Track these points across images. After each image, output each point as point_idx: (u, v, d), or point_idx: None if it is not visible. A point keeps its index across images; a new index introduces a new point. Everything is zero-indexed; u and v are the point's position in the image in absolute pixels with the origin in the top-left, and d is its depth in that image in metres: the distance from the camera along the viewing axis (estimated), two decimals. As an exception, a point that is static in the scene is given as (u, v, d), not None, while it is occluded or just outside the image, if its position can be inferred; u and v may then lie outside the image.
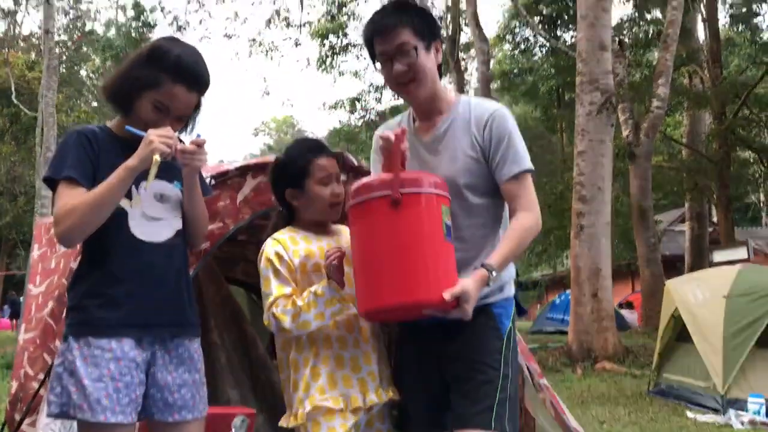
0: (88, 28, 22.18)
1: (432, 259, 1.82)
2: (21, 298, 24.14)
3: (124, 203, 1.90)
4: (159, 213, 1.97)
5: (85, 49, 27.93)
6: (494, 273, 1.87)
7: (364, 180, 1.93)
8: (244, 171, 2.75)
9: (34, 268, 3.09)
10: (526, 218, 1.99)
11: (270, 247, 2.15)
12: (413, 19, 2.03)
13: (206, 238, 2.33)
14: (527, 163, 2.04)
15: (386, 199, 1.81)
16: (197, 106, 2.02)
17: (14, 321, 23.59)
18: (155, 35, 17.95)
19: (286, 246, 2.14)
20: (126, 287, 1.87)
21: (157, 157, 1.79)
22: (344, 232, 2.27)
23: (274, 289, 2.08)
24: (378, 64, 2.08)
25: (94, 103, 30.34)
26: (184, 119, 2.00)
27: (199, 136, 1.96)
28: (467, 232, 2.03)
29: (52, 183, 1.88)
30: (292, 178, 2.20)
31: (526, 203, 2.01)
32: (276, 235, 2.20)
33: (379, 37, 2.03)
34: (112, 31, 21.73)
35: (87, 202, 1.80)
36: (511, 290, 2.11)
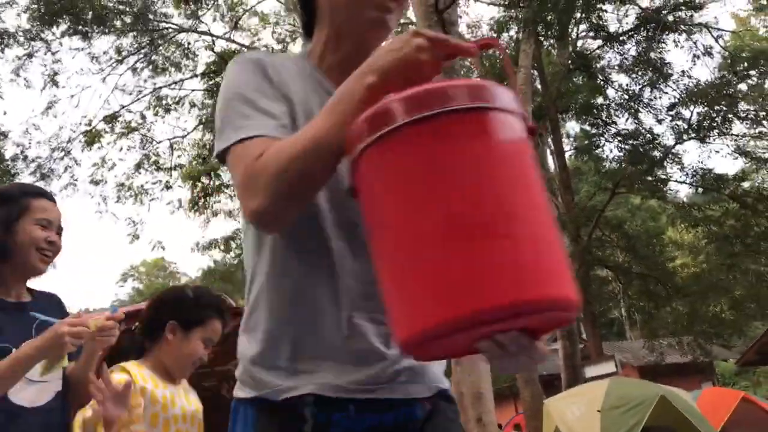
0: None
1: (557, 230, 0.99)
2: None
3: None
4: (41, 375, 1.87)
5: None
6: None
7: (427, 86, 0.95)
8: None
9: None
10: None
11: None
12: None
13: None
14: None
15: (480, 116, 0.94)
16: None
17: None
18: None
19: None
20: None
21: (65, 361, 1.76)
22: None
23: None
24: None
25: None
26: (60, 231, 2.00)
27: (115, 310, 1.92)
28: None
29: None
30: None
31: None
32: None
33: None
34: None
35: None
36: None
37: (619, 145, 15.53)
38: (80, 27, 15.13)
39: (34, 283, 2.05)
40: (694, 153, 44.05)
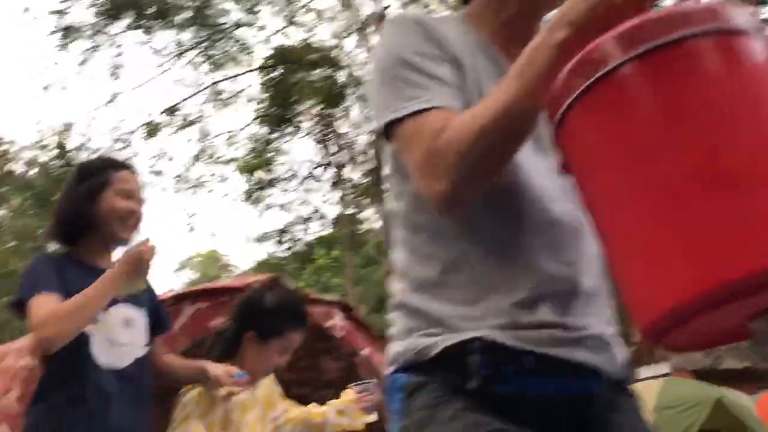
0: (7, 168, 21.80)
1: None
2: None
3: (88, 326, 1.87)
4: (124, 338, 1.97)
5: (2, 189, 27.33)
6: None
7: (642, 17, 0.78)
8: (180, 299, 2.78)
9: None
10: None
11: None
12: None
13: None
14: None
15: (723, 41, 0.75)
16: None
17: None
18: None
19: None
20: (87, 409, 1.84)
21: (143, 284, 1.92)
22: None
23: None
24: None
25: (11, 243, 29.39)
26: (142, 202, 2.09)
27: (241, 376, 2.10)
28: None
29: (21, 305, 1.83)
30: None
31: None
32: None
33: None
34: (34, 170, 21.50)
35: (74, 305, 1.80)
36: None
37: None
38: (143, 21, 15.55)
39: None
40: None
